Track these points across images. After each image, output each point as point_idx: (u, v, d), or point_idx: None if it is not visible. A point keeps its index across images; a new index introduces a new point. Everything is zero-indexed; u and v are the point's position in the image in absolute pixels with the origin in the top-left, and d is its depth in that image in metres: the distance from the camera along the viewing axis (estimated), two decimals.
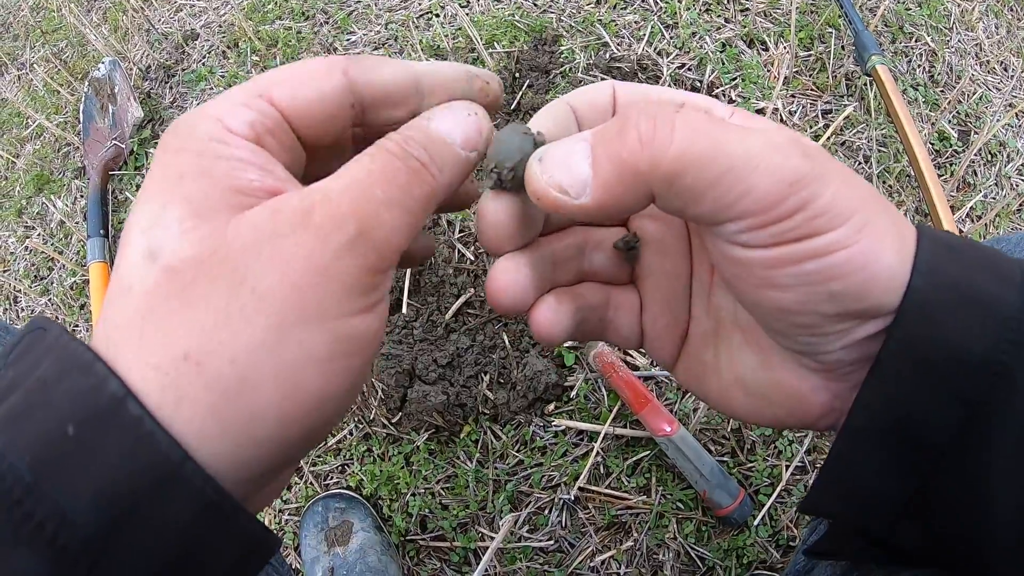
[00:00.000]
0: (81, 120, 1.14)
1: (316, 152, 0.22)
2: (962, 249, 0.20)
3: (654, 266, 0.25)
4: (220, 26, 1.22)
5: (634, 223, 0.26)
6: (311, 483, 0.82)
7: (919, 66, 1.01)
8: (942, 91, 0.99)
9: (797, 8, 1.01)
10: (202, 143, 0.19)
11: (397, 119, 0.22)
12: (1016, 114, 0.97)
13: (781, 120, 0.95)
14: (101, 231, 1.02)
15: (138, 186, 1.08)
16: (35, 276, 1.06)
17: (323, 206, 0.18)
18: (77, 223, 1.07)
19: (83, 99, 1.14)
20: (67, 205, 1.11)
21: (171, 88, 1.18)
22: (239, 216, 0.18)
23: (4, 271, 1.09)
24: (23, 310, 1.04)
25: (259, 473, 0.18)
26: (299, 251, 0.17)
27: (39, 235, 1.09)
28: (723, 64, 0.99)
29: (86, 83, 1.15)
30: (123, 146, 1.09)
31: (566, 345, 0.81)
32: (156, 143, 1.11)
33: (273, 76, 0.21)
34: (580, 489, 0.75)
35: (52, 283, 1.04)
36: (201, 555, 0.17)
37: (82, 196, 1.10)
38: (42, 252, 1.06)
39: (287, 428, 0.18)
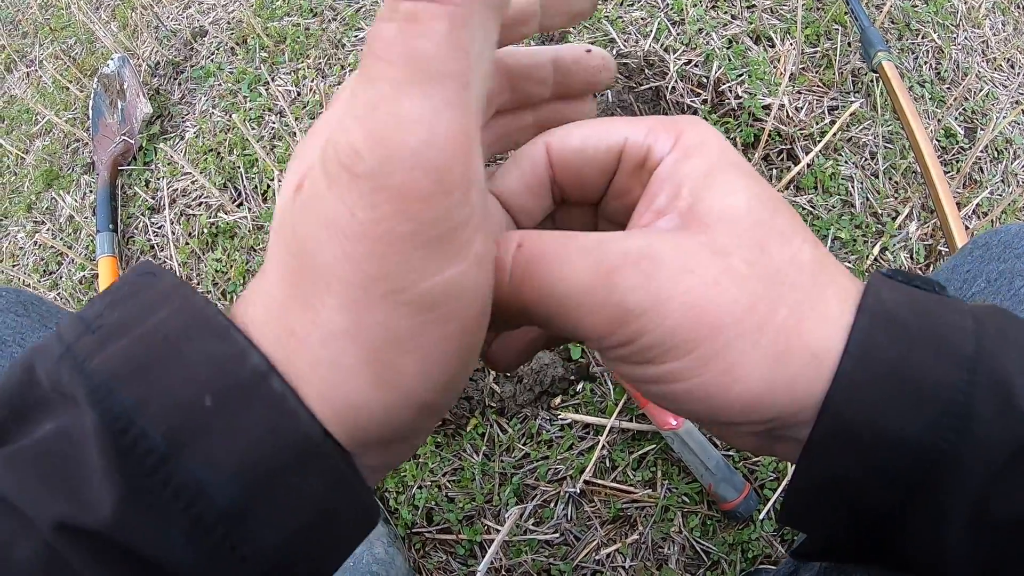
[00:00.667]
0: (90, 116, 1.15)
1: None
2: (906, 322, 0.19)
3: None
4: (228, 23, 1.23)
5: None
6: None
7: (925, 63, 1.01)
8: (948, 88, 0.99)
9: (803, 4, 1.02)
10: None
11: (524, 34, 0.21)
12: (1023, 111, 0.97)
13: (787, 117, 0.95)
14: (110, 226, 1.02)
15: (147, 181, 1.09)
16: (44, 271, 1.07)
17: (343, 140, 0.15)
18: (86, 218, 1.08)
19: (92, 95, 1.15)
20: (76, 200, 1.11)
21: (180, 84, 1.19)
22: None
23: (13, 266, 1.09)
24: None
25: (368, 456, 0.18)
26: (339, 210, 0.15)
27: (48, 230, 1.10)
28: (729, 60, 0.99)
29: (95, 79, 1.16)
30: (132, 142, 1.10)
31: None
32: (165, 139, 1.12)
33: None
34: (586, 482, 0.76)
35: (61, 277, 1.05)
36: (328, 525, 0.17)
37: (91, 191, 1.11)
38: (51, 247, 1.06)
39: (391, 412, 0.17)
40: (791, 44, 1.00)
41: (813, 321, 0.19)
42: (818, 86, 0.99)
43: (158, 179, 1.08)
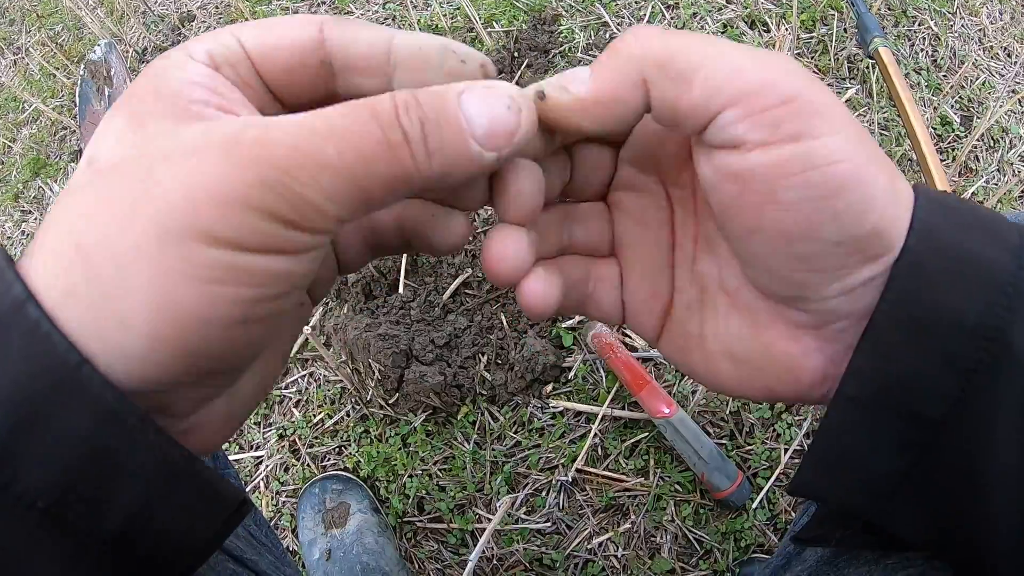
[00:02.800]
0: (77, 103, 1.13)
1: (294, 110, 0.20)
2: (959, 210, 0.20)
3: (634, 236, 0.25)
4: (216, 7, 1.22)
5: (612, 197, 0.25)
6: (308, 465, 0.81)
7: (922, 50, 1.00)
8: (945, 76, 0.99)
9: None
10: (159, 68, 0.19)
11: (368, 89, 0.20)
12: (1019, 100, 0.97)
13: None
14: None
15: None
16: None
17: (256, 139, 0.16)
18: None
19: (79, 82, 1.13)
20: (64, 188, 1.10)
21: None
22: (176, 127, 0.17)
23: None
24: None
25: (139, 392, 0.17)
26: (209, 171, 0.16)
27: (36, 219, 1.08)
28: None
29: (82, 66, 1.14)
30: None
31: (564, 326, 0.81)
32: None
33: (248, 23, 0.20)
34: (578, 471, 0.75)
35: None
36: (107, 467, 0.17)
37: None
38: None
39: (157, 344, 0.16)
40: (787, 29, 0.99)
41: (900, 183, 0.20)
42: (814, 72, 0.98)
43: None
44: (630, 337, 0.81)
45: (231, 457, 0.82)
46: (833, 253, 0.19)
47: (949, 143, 0.94)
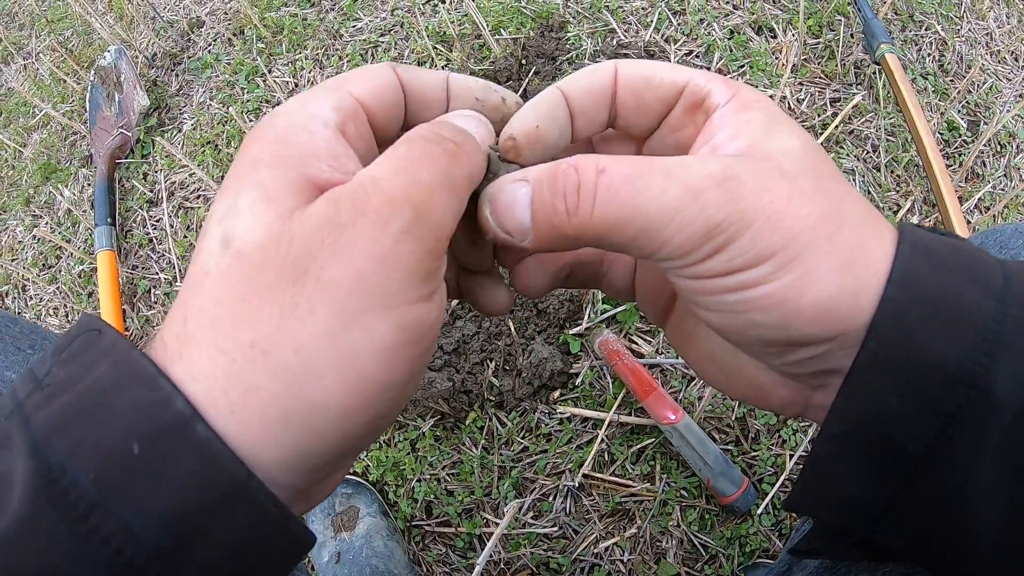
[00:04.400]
0: (87, 109, 1.14)
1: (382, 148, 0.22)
2: (942, 253, 0.20)
3: None
4: (226, 13, 1.22)
5: None
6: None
7: (929, 55, 1.00)
8: (952, 81, 0.99)
9: None
10: (281, 130, 0.20)
11: (428, 119, 0.23)
12: None
13: (789, 108, 0.95)
14: (108, 219, 1.02)
15: (145, 174, 1.09)
16: (43, 265, 1.07)
17: (376, 192, 0.18)
18: (84, 211, 1.08)
19: (89, 88, 1.14)
20: (74, 194, 1.11)
21: (177, 75, 1.18)
22: (307, 208, 0.18)
23: (12, 260, 1.09)
24: (31, 298, 1.05)
25: (319, 465, 0.18)
26: (360, 239, 0.17)
27: (47, 224, 1.09)
28: (731, 51, 0.98)
29: (92, 71, 1.15)
30: (129, 134, 1.10)
31: (571, 332, 0.82)
32: (163, 131, 1.11)
33: (340, 76, 0.22)
34: (584, 476, 0.76)
35: (60, 271, 1.05)
36: (256, 563, 0.18)
37: (89, 184, 1.11)
38: (50, 241, 1.06)
39: (349, 418, 0.18)
40: (793, 35, 0.99)
41: (873, 240, 0.20)
42: (820, 78, 0.98)
43: (156, 172, 1.08)
44: (636, 344, 0.82)
45: None
46: (763, 346, 0.21)
47: (956, 148, 0.94)
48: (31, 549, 0.16)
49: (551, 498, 0.77)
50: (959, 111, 0.96)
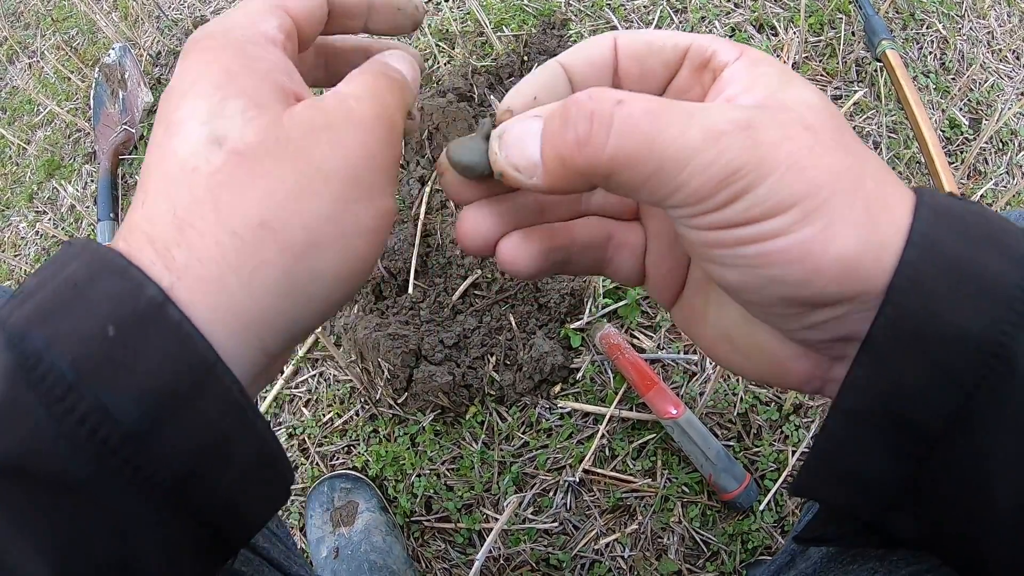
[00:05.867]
0: (92, 106, 1.15)
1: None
2: (964, 218, 0.19)
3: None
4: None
5: None
6: (317, 463, 0.82)
7: (930, 53, 1.00)
8: (953, 78, 0.99)
9: None
10: (241, 44, 0.21)
11: (350, 28, 0.26)
12: None
13: None
14: (111, 215, 1.02)
15: None
16: (46, 260, 1.07)
17: (360, 106, 0.21)
18: (88, 207, 1.08)
19: (94, 85, 1.15)
20: (78, 190, 1.12)
21: None
22: (290, 110, 0.21)
23: (16, 255, 1.10)
24: None
25: (301, 334, 0.20)
26: (351, 140, 0.21)
27: (50, 219, 1.10)
28: None
29: (96, 69, 1.15)
30: (133, 131, 1.10)
31: (572, 327, 0.81)
32: None
33: None
34: (585, 471, 0.75)
35: None
36: (224, 453, 0.18)
37: (92, 181, 1.11)
38: (53, 236, 1.06)
39: (339, 286, 0.20)
40: (794, 33, 0.99)
41: (894, 197, 0.19)
42: (822, 75, 0.98)
43: None
44: (638, 338, 0.82)
45: None
46: (781, 305, 0.20)
47: (958, 146, 0.94)
48: (10, 430, 0.16)
49: (551, 494, 0.76)
50: (961, 108, 0.96)
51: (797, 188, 0.18)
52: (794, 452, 0.75)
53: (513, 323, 0.81)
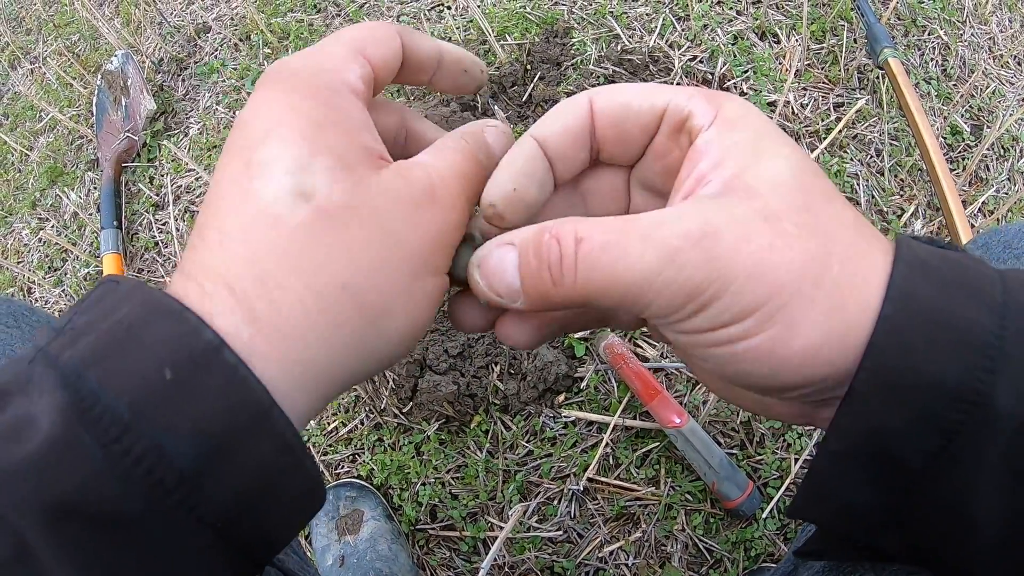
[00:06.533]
0: (94, 113, 1.15)
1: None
2: (939, 269, 0.20)
3: None
4: (232, 19, 1.23)
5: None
6: (322, 472, 0.82)
7: (932, 60, 1.01)
8: (955, 85, 0.99)
9: (809, 0, 1.01)
10: (328, 93, 0.21)
11: (417, 81, 0.26)
12: None
13: (792, 113, 0.95)
14: (115, 222, 1.02)
15: (151, 178, 1.09)
16: (49, 267, 1.07)
17: (443, 188, 0.22)
18: (90, 215, 1.08)
19: (96, 92, 1.15)
20: (80, 197, 1.12)
21: (184, 81, 1.18)
22: (377, 175, 0.21)
23: (18, 263, 1.10)
24: (37, 301, 1.05)
25: (351, 385, 0.22)
26: (432, 219, 0.22)
27: (53, 227, 1.10)
28: (735, 56, 0.99)
29: (99, 76, 1.16)
30: (136, 138, 1.10)
31: (577, 336, 0.82)
32: (169, 135, 1.12)
33: (358, 34, 0.23)
34: (589, 480, 0.76)
35: (66, 274, 1.06)
36: (275, 487, 0.19)
37: (95, 188, 1.11)
38: (56, 243, 1.07)
39: (400, 347, 0.22)
40: (797, 40, 0.99)
41: (864, 273, 0.20)
42: (824, 83, 0.98)
43: (162, 176, 1.08)
44: (641, 347, 0.82)
45: None
46: (756, 391, 0.21)
47: (959, 152, 0.95)
48: (66, 468, 0.16)
49: (556, 502, 0.77)
50: (962, 115, 0.96)
51: (758, 293, 0.19)
52: (797, 460, 0.75)
53: None
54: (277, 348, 0.19)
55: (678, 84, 0.96)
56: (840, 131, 0.92)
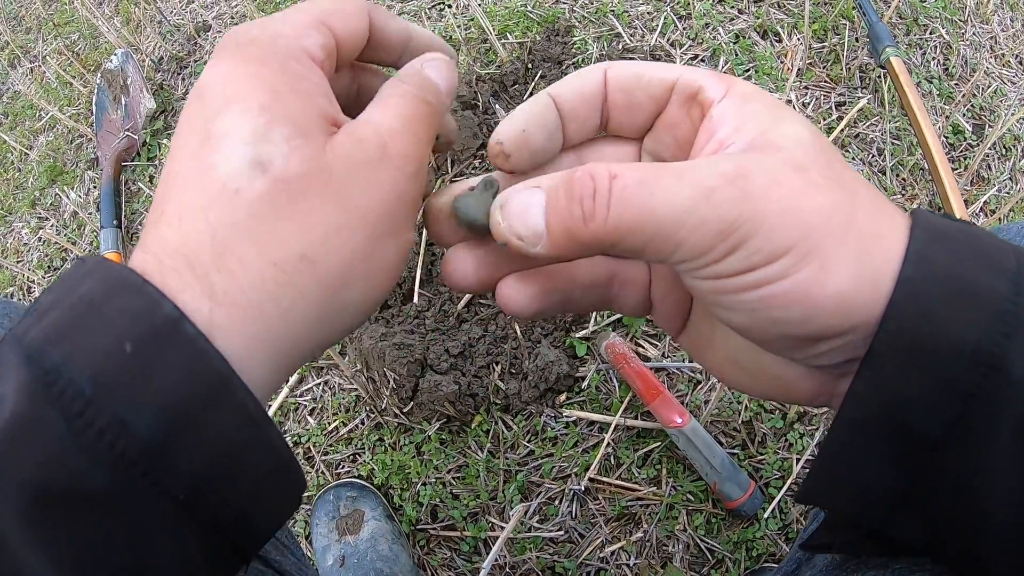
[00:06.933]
0: (94, 112, 1.14)
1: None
2: (956, 238, 0.20)
3: None
4: (232, 17, 1.23)
5: None
6: (323, 472, 0.82)
7: (933, 59, 1.00)
8: (956, 84, 0.99)
9: None
10: (285, 59, 0.21)
11: (383, 61, 0.26)
12: None
13: None
14: (114, 221, 1.02)
15: (151, 177, 1.09)
16: (49, 266, 1.07)
17: (394, 143, 0.22)
18: (90, 214, 1.08)
19: (96, 91, 1.15)
20: (80, 196, 1.11)
21: (183, 79, 1.18)
22: (331, 141, 0.21)
23: (18, 262, 1.09)
24: None
25: (314, 357, 0.22)
26: (386, 179, 0.21)
27: (52, 226, 1.10)
28: (736, 55, 0.99)
29: (99, 75, 1.15)
30: (136, 137, 1.10)
31: (578, 336, 0.82)
32: (169, 134, 1.11)
33: (325, 6, 0.23)
34: (590, 480, 0.76)
35: None
36: (239, 465, 0.19)
37: (95, 187, 1.11)
38: (55, 243, 1.06)
39: (360, 317, 0.22)
40: (798, 39, 0.99)
41: (886, 231, 0.20)
42: (825, 82, 0.98)
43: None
44: (643, 347, 0.82)
45: None
46: (785, 342, 0.21)
47: (961, 152, 0.94)
48: (31, 443, 0.16)
49: (557, 502, 0.76)
50: (964, 115, 0.96)
51: (790, 234, 0.19)
52: (798, 460, 0.75)
53: (518, 332, 0.81)
54: (238, 322, 0.19)
55: None
56: (842, 130, 0.92)
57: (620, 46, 1.00)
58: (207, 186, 0.19)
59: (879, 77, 0.96)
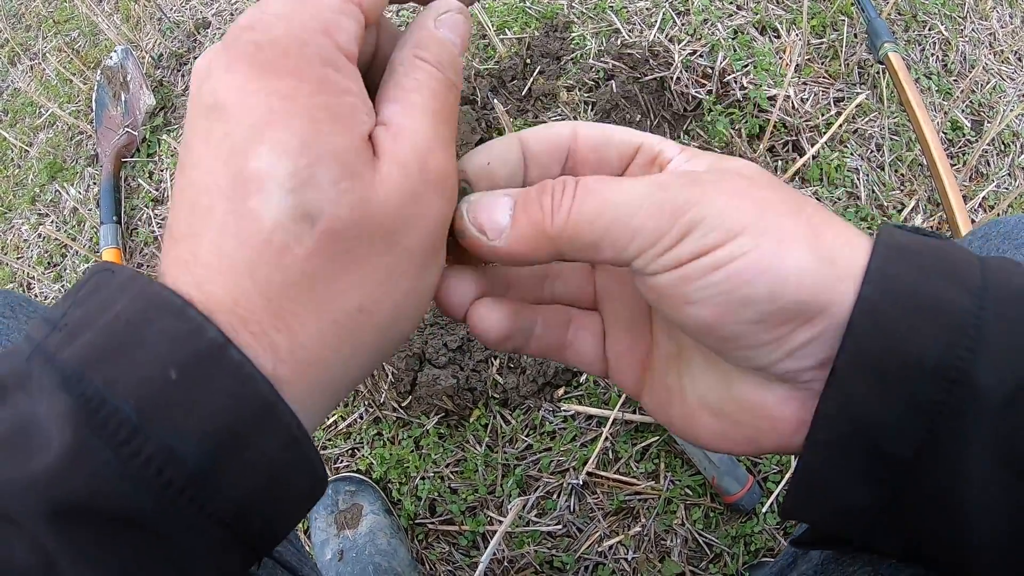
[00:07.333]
0: (94, 108, 1.15)
1: None
2: (919, 252, 0.20)
3: (613, 290, 0.27)
4: (232, 14, 1.23)
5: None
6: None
7: (932, 55, 1.00)
8: (955, 80, 0.99)
9: None
10: (323, 71, 0.19)
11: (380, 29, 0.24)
12: None
13: (793, 108, 0.95)
14: (114, 217, 1.02)
15: (150, 173, 1.09)
16: (48, 263, 1.07)
17: (430, 159, 0.21)
18: (90, 210, 1.08)
19: (96, 87, 1.15)
20: (80, 192, 1.12)
21: (183, 76, 1.18)
22: (378, 175, 0.20)
23: (18, 258, 1.10)
24: (36, 296, 1.05)
25: (354, 388, 0.22)
26: (431, 210, 0.21)
27: (52, 222, 1.10)
28: (735, 51, 0.99)
29: (98, 72, 1.16)
30: (135, 133, 1.10)
31: None
32: (169, 130, 1.12)
33: None
34: (589, 474, 0.76)
35: (65, 269, 1.05)
36: (282, 481, 0.19)
37: (95, 183, 1.11)
38: (55, 239, 1.07)
39: (404, 342, 0.23)
40: (797, 35, 0.99)
41: (834, 229, 0.21)
42: (824, 77, 0.98)
43: (161, 171, 1.08)
44: None
45: None
46: (757, 330, 0.20)
47: (960, 148, 0.94)
48: (81, 476, 0.16)
49: (555, 496, 0.76)
50: (963, 110, 0.96)
51: (743, 214, 0.20)
52: (796, 455, 0.75)
53: None
54: (303, 377, 0.19)
55: (677, 79, 0.96)
56: (840, 126, 0.92)
57: (619, 42, 1.01)
58: (248, 238, 0.18)
59: (878, 73, 0.96)
